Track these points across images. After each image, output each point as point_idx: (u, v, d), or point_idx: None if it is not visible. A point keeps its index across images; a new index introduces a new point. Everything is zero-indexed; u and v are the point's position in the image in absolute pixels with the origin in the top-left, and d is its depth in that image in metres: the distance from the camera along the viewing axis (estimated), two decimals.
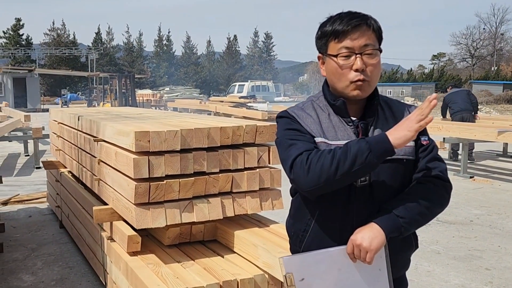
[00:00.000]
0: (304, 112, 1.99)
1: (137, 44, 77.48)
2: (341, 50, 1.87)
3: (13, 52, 62.98)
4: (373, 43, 1.88)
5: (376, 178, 1.89)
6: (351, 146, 1.75)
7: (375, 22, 1.91)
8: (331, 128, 1.93)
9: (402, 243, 1.94)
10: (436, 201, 1.90)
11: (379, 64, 1.91)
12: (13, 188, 8.93)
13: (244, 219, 3.98)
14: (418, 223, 1.87)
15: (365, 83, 1.88)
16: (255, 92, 40.00)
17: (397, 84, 66.91)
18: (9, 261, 5.22)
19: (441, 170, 1.93)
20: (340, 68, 1.88)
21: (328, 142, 1.90)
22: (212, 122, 4.06)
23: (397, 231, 1.82)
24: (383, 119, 1.96)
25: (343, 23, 1.86)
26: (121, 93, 23.92)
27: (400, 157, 1.90)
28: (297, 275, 1.80)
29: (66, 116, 5.77)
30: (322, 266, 1.83)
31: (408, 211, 1.83)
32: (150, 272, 3.26)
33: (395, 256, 1.92)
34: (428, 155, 1.95)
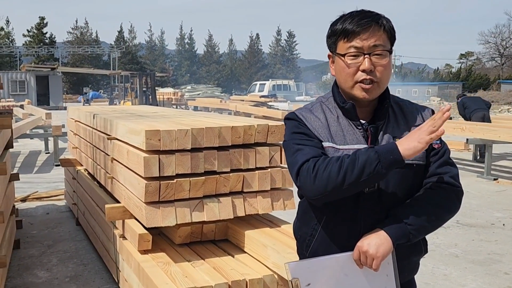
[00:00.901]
0: (312, 114, 1.94)
1: (159, 43, 78.03)
2: (349, 50, 1.82)
3: (37, 50, 63.89)
4: (383, 43, 1.82)
5: (385, 183, 1.84)
6: (359, 155, 1.72)
7: (387, 22, 1.85)
8: (340, 132, 1.88)
9: (410, 248, 1.90)
10: (446, 208, 1.85)
11: (389, 65, 1.86)
12: (32, 185, 9.04)
13: (256, 219, 3.96)
14: (427, 230, 1.84)
15: (374, 84, 1.83)
16: (276, 91, 39.90)
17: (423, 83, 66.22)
18: (25, 257, 5.28)
19: (452, 175, 1.88)
20: (348, 67, 1.84)
21: (336, 147, 1.86)
22: (224, 121, 4.04)
23: (404, 238, 1.78)
24: (394, 123, 1.91)
25: (353, 23, 1.81)
26: (141, 92, 24.09)
27: (410, 162, 1.82)
28: (303, 280, 1.78)
29: (83, 114, 5.81)
30: (328, 272, 1.80)
31: (416, 218, 1.79)
32: (159, 270, 3.26)
33: (403, 261, 1.88)
34: (440, 159, 1.90)
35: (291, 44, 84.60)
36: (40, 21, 69.11)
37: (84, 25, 74.11)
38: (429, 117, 1.79)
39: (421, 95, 58.24)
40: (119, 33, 74.98)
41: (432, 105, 38.56)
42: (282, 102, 29.79)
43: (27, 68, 42.10)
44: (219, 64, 78.84)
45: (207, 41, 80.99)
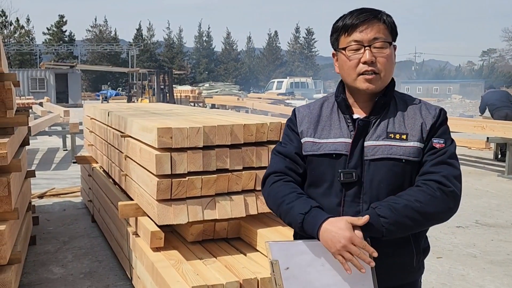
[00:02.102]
0: (307, 109, 2.05)
1: (177, 40, 78.30)
2: (350, 43, 1.87)
3: (56, 48, 64.63)
4: (383, 36, 1.85)
5: (370, 177, 1.85)
6: (293, 206, 1.85)
7: (387, 16, 1.89)
8: (328, 126, 1.95)
9: (395, 247, 1.87)
10: (431, 205, 1.78)
11: (391, 57, 1.88)
12: (50, 181, 9.13)
13: (268, 217, 3.94)
14: (405, 227, 1.78)
15: (376, 76, 1.85)
16: (294, 88, 39.62)
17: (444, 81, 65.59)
18: (41, 253, 5.32)
19: (445, 175, 1.81)
20: (349, 60, 1.87)
21: (316, 141, 1.94)
22: (237, 119, 4.03)
23: (377, 231, 1.76)
24: (391, 118, 1.90)
25: (352, 18, 1.86)
26: (159, 89, 24.16)
27: (398, 156, 1.84)
28: (282, 263, 1.79)
29: (98, 111, 5.84)
30: (306, 258, 1.82)
31: (392, 212, 1.76)
32: (171, 268, 3.26)
33: (387, 260, 1.84)
34: (436, 158, 1.85)
35: (310, 42, 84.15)
36: (60, 19, 69.86)
37: (103, 23, 74.92)
38: (433, 116, 1.86)
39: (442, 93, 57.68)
40: (138, 31, 75.42)
41: (454, 103, 38.13)
42: (299, 99, 29.57)
43: (47, 66, 42.55)
44: (237, 62, 78.87)
45: (225, 39, 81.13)
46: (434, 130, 1.86)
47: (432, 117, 1.87)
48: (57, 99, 38.18)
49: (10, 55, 57.70)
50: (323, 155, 1.91)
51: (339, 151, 1.89)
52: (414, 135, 1.85)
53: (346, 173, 1.86)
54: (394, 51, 1.92)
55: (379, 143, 1.85)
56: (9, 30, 64.56)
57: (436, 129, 1.87)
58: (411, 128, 1.86)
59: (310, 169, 1.97)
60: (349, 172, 1.86)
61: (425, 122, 1.86)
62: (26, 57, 64.16)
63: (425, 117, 1.87)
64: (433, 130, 1.86)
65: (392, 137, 1.85)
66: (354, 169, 1.86)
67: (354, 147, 1.87)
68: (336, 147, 1.90)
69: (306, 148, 1.96)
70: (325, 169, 1.91)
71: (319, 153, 1.92)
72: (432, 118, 1.87)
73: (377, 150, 1.85)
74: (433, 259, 5.14)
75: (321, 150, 1.92)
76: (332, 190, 1.90)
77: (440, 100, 42.88)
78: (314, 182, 1.96)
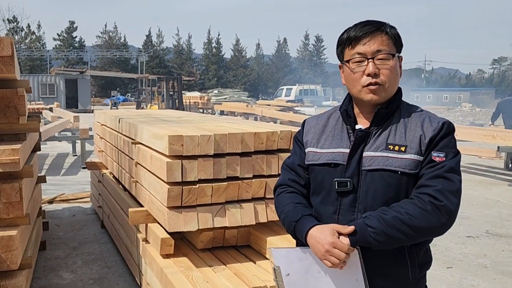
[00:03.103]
0: (315, 120, 2.12)
1: (187, 47, 78.52)
2: (353, 56, 1.90)
3: (66, 54, 65.01)
4: (387, 48, 1.88)
5: (365, 187, 1.88)
6: (288, 215, 1.98)
7: (391, 28, 1.92)
8: (330, 136, 2.01)
9: (389, 258, 1.88)
10: (420, 219, 1.77)
11: (395, 68, 1.90)
12: (59, 187, 9.18)
13: (278, 225, 3.93)
14: (394, 239, 1.78)
15: (380, 87, 1.88)
16: (303, 96, 39.58)
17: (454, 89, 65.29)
18: (50, 259, 5.35)
19: (439, 189, 1.79)
20: (353, 72, 1.91)
21: (318, 151, 2.00)
22: (247, 127, 4.04)
23: (364, 241, 1.79)
24: (393, 129, 1.91)
25: (356, 30, 1.90)
26: (168, 96, 24.21)
27: (393, 168, 1.85)
28: (283, 269, 1.85)
29: (109, 118, 5.87)
30: (304, 264, 1.87)
31: (380, 223, 1.78)
32: (181, 275, 3.27)
33: (381, 270, 1.88)
34: (433, 172, 1.83)
35: (319, 49, 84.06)
36: (70, 25, 70.39)
37: (113, 29, 75.33)
38: (434, 129, 1.85)
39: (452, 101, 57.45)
40: (147, 37, 75.75)
41: (464, 111, 37.92)
42: (308, 107, 29.54)
43: (57, 72, 42.86)
44: (246, 68, 78.94)
45: (234, 45, 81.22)
46: (434, 144, 1.85)
47: (432, 130, 1.86)
48: (67, 104, 38.42)
49: (21, 60, 58.04)
50: (322, 165, 1.97)
51: (337, 161, 1.93)
52: (412, 147, 1.85)
53: (341, 182, 1.90)
54: (399, 62, 1.93)
55: (377, 154, 1.87)
56: (20, 36, 65.09)
57: (436, 143, 1.85)
58: (411, 140, 1.86)
59: (312, 178, 2.03)
60: (343, 181, 1.90)
61: (424, 135, 1.86)
62: (37, 62, 64.61)
63: (426, 130, 1.87)
64: (432, 143, 1.85)
65: (391, 148, 1.87)
66: (349, 179, 1.89)
67: (351, 157, 1.90)
68: (334, 156, 1.94)
69: (308, 157, 2.03)
70: (324, 178, 1.96)
71: (318, 163, 1.98)
72: (433, 131, 1.86)
73: (374, 161, 1.87)
74: (443, 269, 5.12)
75: (321, 159, 1.98)
76: (329, 199, 1.94)
77: (450, 108, 42.69)
78: (315, 191, 2.02)
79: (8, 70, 3.53)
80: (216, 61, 78.11)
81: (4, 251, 3.35)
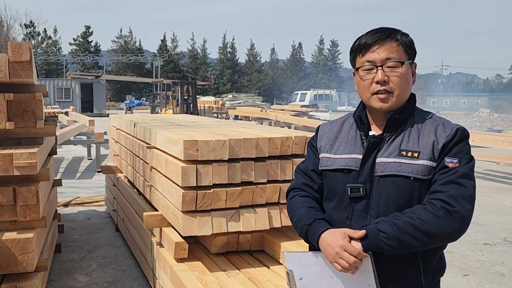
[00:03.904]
0: (329, 126, 2.14)
1: (201, 51, 78.87)
2: (363, 64, 1.92)
3: (82, 58, 65.66)
4: (396, 56, 1.89)
5: (379, 192, 1.88)
6: (300, 219, 1.99)
7: (402, 35, 1.93)
8: (344, 142, 2.02)
9: (402, 264, 1.88)
10: (432, 224, 1.77)
11: (405, 76, 1.90)
12: (74, 190, 9.26)
13: (292, 231, 3.93)
14: (406, 244, 1.78)
15: (389, 94, 1.89)
16: (318, 101, 39.46)
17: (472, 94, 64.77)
18: (65, 261, 5.39)
19: (452, 195, 1.79)
20: (362, 80, 1.93)
21: (331, 156, 2.02)
22: (261, 132, 4.05)
23: (376, 246, 1.79)
24: (406, 135, 1.91)
25: (367, 38, 1.92)
26: (182, 100, 24.32)
27: (406, 174, 1.85)
28: (296, 273, 1.86)
29: (124, 122, 5.92)
30: (317, 269, 1.88)
31: (392, 228, 1.78)
32: (195, 279, 3.28)
33: (394, 276, 1.88)
34: (446, 178, 1.83)
35: (334, 53, 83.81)
36: (86, 30, 71.09)
37: (128, 34, 75.91)
38: (447, 135, 1.85)
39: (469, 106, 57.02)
40: (162, 42, 76.23)
41: (482, 117, 37.57)
42: (323, 112, 29.45)
43: (73, 76, 43.29)
44: (261, 73, 79.06)
45: (249, 50, 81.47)
46: (447, 150, 1.85)
47: (446, 136, 1.86)
48: (82, 108, 38.77)
49: (37, 64, 58.70)
50: (335, 170, 1.98)
51: (350, 167, 1.94)
52: (425, 153, 1.85)
53: (354, 187, 1.91)
54: (411, 69, 1.93)
55: (390, 160, 1.88)
56: (37, 40, 65.87)
57: (449, 149, 1.85)
58: (424, 146, 1.86)
59: (325, 183, 2.04)
60: (356, 187, 1.90)
61: (437, 141, 1.86)
62: (53, 67, 65.34)
63: (439, 136, 1.87)
64: (445, 149, 1.85)
65: (404, 154, 1.87)
66: (362, 185, 1.90)
67: (364, 163, 1.91)
68: (347, 162, 1.95)
69: (322, 163, 2.05)
70: (337, 184, 1.97)
71: (332, 168, 1.99)
72: (446, 137, 1.86)
73: (386, 167, 1.87)
74: (459, 277, 5.08)
75: (334, 165, 1.99)
76: (342, 204, 1.95)
77: (468, 113, 42.36)
78: (328, 196, 2.03)
79: (26, 75, 3.59)
80: (231, 65, 78.35)
81: (20, 253, 3.40)
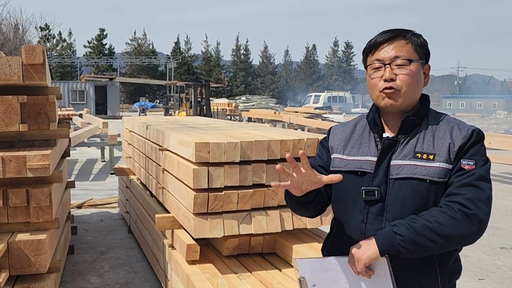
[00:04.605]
0: (342, 127, 2.12)
1: (215, 53, 79.02)
2: (372, 62, 1.92)
3: (96, 61, 66.11)
4: (405, 54, 1.88)
5: (394, 195, 1.86)
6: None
7: (414, 36, 1.92)
8: (357, 144, 2.01)
9: (418, 267, 1.86)
10: (450, 227, 1.75)
11: (415, 75, 1.88)
12: (88, 192, 9.31)
13: (304, 233, 3.93)
14: (423, 247, 1.76)
15: (396, 92, 1.87)
16: (332, 103, 39.36)
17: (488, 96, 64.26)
18: (78, 263, 5.42)
19: (469, 197, 1.77)
20: (371, 78, 1.92)
21: (345, 158, 2.00)
22: (273, 134, 4.04)
23: (393, 249, 1.77)
24: (421, 137, 1.89)
25: (377, 37, 1.92)
26: (196, 102, 24.36)
27: (422, 176, 1.83)
28: (310, 280, 1.84)
29: (137, 124, 5.94)
30: (331, 275, 1.86)
31: (409, 231, 1.76)
32: (206, 281, 3.27)
33: (410, 279, 1.87)
34: (462, 180, 1.80)
35: (349, 55, 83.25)
36: (100, 32, 71.55)
37: (142, 36, 76.31)
38: (463, 137, 1.83)
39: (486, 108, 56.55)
40: (176, 44, 76.50)
41: (499, 119, 37.21)
42: (337, 114, 29.34)
43: (87, 78, 43.58)
44: (274, 75, 79.03)
45: (263, 52, 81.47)
46: (464, 152, 1.83)
47: (462, 137, 1.84)
48: (96, 110, 39.01)
49: (52, 67, 59.26)
50: (348, 172, 1.96)
51: (364, 169, 1.92)
52: (441, 155, 1.83)
53: (369, 191, 1.89)
54: (422, 69, 1.92)
55: (405, 162, 1.86)
56: (52, 43, 66.42)
57: (465, 151, 1.83)
58: (439, 148, 1.84)
59: (336, 185, 1.99)
60: (371, 190, 1.88)
61: (453, 143, 1.84)
62: (67, 69, 65.83)
63: (455, 138, 1.85)
64: (461, 151, 1.83)
65: (419, 157, 1.85)
66: (377, 187, 1.88)
67: (379, 166, 1.89)
68: (361, 164, 1.94)
69: (334, 164, 2.03)
70: (350, 186, 1.95)
71: (345, 170, 1.97)
72: (462, 139, 1.83)
73: (402, 169, 1.85)
74: (475, 281, 5.02)
75: (347, 167, 1.97)
76: (356, 207, 1.93)
77: (484, 115, 41.99)
78: (339, 198, 2.01)
79: (39, 77, 3.61)
80: (244, 67, 78.41)
81: (33, 254, 3.42)
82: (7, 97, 3.58)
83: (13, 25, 34.86)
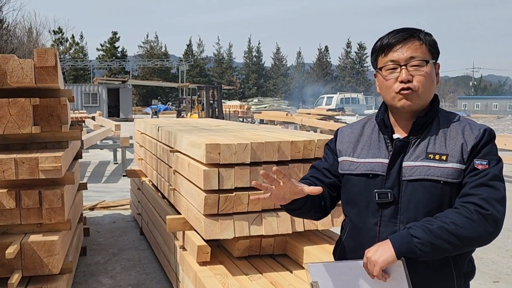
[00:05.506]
0: (350, 128, 2.10)
1: (227, 56, 79.14)
2: (387, 63, 1.89)
3: (109, 64, 66.50)
4: (420, 55, 1.86)
5: (407, 197, 1.84)
6: None
7: (426, 35, 1.90)
8: (367, 146, 1.98)
9: (434, 269, 1.85)
10: (467, 228, 1.73)
11: (430, 75, 1.87)
12: (100, 194, 9.37)
13: (315, 235, 3.92)
14: (440, 249, 1.74)
15: (413, 93, 1.85)
16: (344, 104, 39.18)
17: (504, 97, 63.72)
18: (91, 264, 5.45)
19: (485, 197, 1.75)
20: (385, 80, 1.89)
21: (354, 160, 1.98)
22: (284, 135, 4.03)
23: (409, 252, 1.75)
24: (432, 138, 1.88)
25: (389, 38, 1.89)
26: (208, 104, 24.43)
27: (435, 178, 1.81)
28: (322, 284, 1.81)
29: (148, 126, 5.96)
30: (344, 279, 1.83)
31: (426, 233, 1.73)
32: (217, 282, 3.28)
33: (425, 282, 1.85)
34: (477, 180, 1.79)
35: (362, 56, 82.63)
36: (113, 35, 72.00)
37: (154, 39, 76.68)
38: (476, 137, 1.82)
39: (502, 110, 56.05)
40: (188, 47, 76.82)
41: None
42: (350, 115, 29.23)
43: (99, 81, 43.83)
44: (286, 77, 78.97)
45: (275, 54, 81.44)
46: (476, 151, 1.81)
47: (474, 137, 1.83)
48: (109, 113, 39.25)
49: (65, 70, 59.68)
50: (359, 175, 1.94)
51: (376, 172, 1.90)
52: (454, 156, 1.82)
53: (382, 193, 1.87)
54: (434, 69, 1.91)
55: (417, 163, 1.84)
56: (65, 46, 66.96)
57: (478, 150, 1.82)
58: (452, 148, 1.83)
59: (346, 188, 2.00)
60: (384, 193, 1.87)
61: (466, 143, 1.82)
62: (80, 72, 66.26)
63: (467, 138, 1.83)
64: (474, 151, 1.81)
65: (431, 157, 1.83)
66: (390, 190, 1.86)
67: (391, 168, 1.88)
68: (373, 167, 1.92)
69: (343, 167, 2.01)
70: (361, 189, 1.93)
71: (356, 173, 1.95)
72: (475, 139, 1.82)
73: (414, 171, 1.84)
74: (489, 283, 4.98)
75: (358, 169, 1.95)
76: (369, 210, 1.91)
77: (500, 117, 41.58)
78: (351, 201, 1.99)
79: (51, 80, 3.64)
80: (256, 69, 78.45)
81: (46, 255, 3.44)
82: (19, 99, 3.61)
83: (27, 28, 35.17)
